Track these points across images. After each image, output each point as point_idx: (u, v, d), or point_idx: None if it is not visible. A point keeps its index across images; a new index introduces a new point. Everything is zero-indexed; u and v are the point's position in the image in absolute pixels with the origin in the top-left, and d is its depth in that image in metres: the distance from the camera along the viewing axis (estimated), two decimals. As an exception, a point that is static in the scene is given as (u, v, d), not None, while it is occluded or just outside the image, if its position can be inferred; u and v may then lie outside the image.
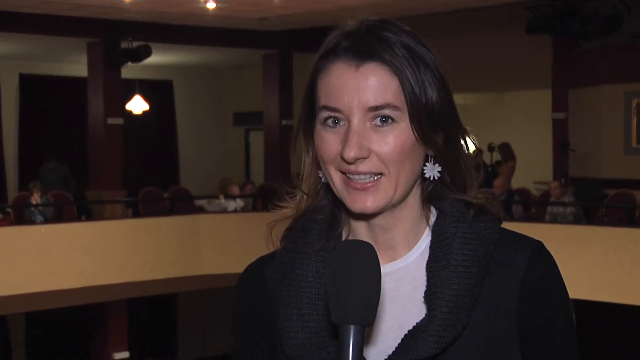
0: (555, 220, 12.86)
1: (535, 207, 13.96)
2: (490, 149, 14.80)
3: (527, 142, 15.13)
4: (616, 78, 13.96)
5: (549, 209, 13.24)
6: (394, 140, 1.44)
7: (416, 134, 1.44)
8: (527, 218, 13.35)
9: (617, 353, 12.84)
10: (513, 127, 15.61)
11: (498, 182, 13.49)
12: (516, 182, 14.63)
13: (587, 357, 1.42)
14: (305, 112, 1.53)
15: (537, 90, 14.88)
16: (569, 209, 13.02)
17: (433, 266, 1.49)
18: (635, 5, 13.17)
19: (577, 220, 12.81)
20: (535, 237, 1.54)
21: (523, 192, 14.51)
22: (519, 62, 14.82)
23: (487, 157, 15.15)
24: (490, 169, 14.41)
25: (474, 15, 13.90)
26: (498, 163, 14.86)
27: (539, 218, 13.21)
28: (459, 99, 13.17)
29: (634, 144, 14.17)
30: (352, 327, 1.32)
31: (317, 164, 1.53)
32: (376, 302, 1.34)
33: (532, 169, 15.19)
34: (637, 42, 13.72)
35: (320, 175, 1.54)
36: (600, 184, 13.78)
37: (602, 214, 13.26)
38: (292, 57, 15.92)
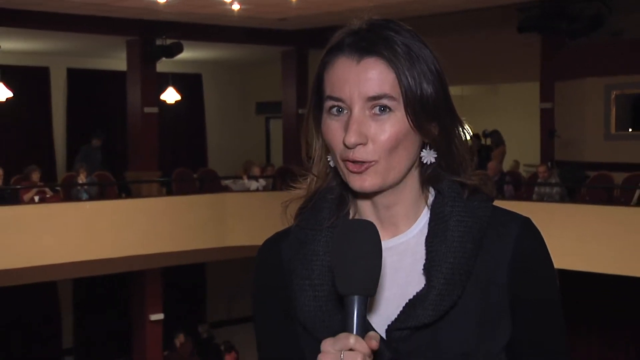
0: (542, 199, 12.85)
1: (524, 187, 13.91)
2: (485, 135, 14.71)
3: (517, 129, 15.22)
4: (598, 72, 13.96)
5: (536, 189, 13.24)
6: (390, 127, 1.45)
7: (411, 123, 1.45)
8: (517, 197, 13.32)
9: (594, 315, 12.88)
10: (505, 115, 15.64)
11: (491, 165, 13.61)
12: (507, 165, 14.55)
13: (569, 320, 1.60)
14: (314, 102, 1.54)
15: (527, 83, 14.98)
16: (554, 189, 13.00)
17: (431, 241, 1.50)
18: (615, 6, 13.05)
19: (562, 199, 12.76)
20: (524, 214, 1.56)
21: (514, 174, 14.55)
22: (511, 57, 14.82)
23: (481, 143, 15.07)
24: (484, 154, 14.27)
25: (471, 16, 13.98)
26: (489, 148, 14.70)
27: (527, 197, 13.18)
28: (457, 90, 13.03)
29: (612, 131, 14.15)
30: (355, 298, 1.35)
31: (327, 149, 1.55)
32: (377, 275, 1.36)
33: (522, 153, 15.13)
34: (617, 39, 13.74)
35: (329, 159, 1.55)
36: (583, 166, 13.80)
37: (584, 194, 13.21)
38: (307, 53, 15.97)
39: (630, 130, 14.23)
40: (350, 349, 1.31)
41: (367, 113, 1.46)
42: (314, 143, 1.58)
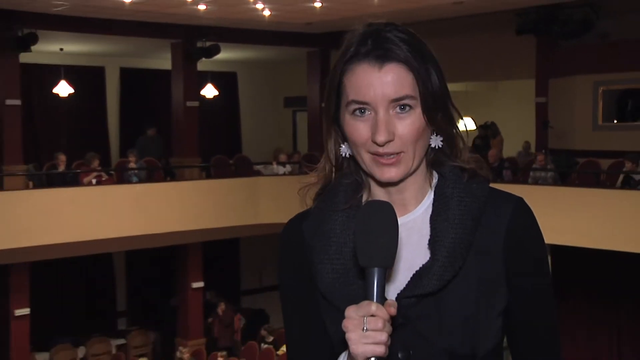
0: (537, 182, 12.79)
1: (521, 172, 13.81)
2: (486, 126, 14.72)
3: (515, 120, 15.10)
4: (587, 70, 13.83)
5: (531, 173, 13.15)
6: (412, 123, 1.46)
7: (426, 118, 1.47)
8: (515, 181, 13.28)
9: (581, 284, 12.72)
10: (505, 109, 15.55)
11: (492, 153, 13.47)
12: (506, 153, 14.57)
13: (557, 288, 1.42)
14: (331, 103, 1.53)
15: (524, 80, 14.84)
16: (548, 174, 12.96)
17: (435, 219, 1.51)
18: (602, 12, 13.08)
19: (554, 183, 12.76)
20: (520, 196, 1.58)
21: (512, 160, 14.40)
22: (510, 57, 14.70)
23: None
24: (483, 143, 14.30)
25: (474, 20, 13.82)
26: (486, 138, 14.70)
27: (524, 181, 13.11)
28: (461, 86, 13.17)
29: (600, 122, 14.02)
30: (376, 270, 1.36)
31: (338, 142, 1.57)
32: (395, 250, 1.37)
33: (519, 142, 15.02)
34: (604, 41, 13.63)
35: (341, 150, 1.56)
36: (573, 154, 13.75)
37: (574, 178, 13.21)
38: (330, 54, 15.90)
39: (615, 121, 14.12)
40: (372, 315, 1.33)
41: (391, 113, 1.47)
42: (329, 138, 1.59)
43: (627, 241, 11.06)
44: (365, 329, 1.32)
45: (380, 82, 1.45)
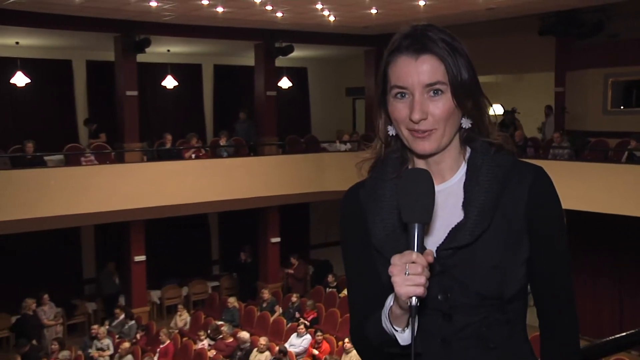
0: (555, 158, 12.54)
1: (542, 149, 13.55)
2: (513, 111, 14.65)
3: (537, 107, 14.91)
4: (598, 64, 13.64)
5: (551, 150, 12.88)
6: (442, 105, 1.46)
7: (455, 101, 1.46)
8: (537, 157, 12.90)
9: (592, 242, 12.60)
10: (529, 97, 15.23)
11: (518, 134, 13.33)
12: (529, 133, 14.49)
13: (571, 245, 1.49)
14: (380, 90, 1.54)
15: (545, 73, 14.54)
16: (565, 151, 12.80)
17: (468, 185, 1.51)
18: (612, 16, 12.87)
19: (570, 158, 12.58)
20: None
21: (534, 139, 14.21)
22: (533, 54, 14.36)
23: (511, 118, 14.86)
24: (511, 127, 14.26)
25: (503, 23, 13.52)
26: (512, 120, 14.64)
27: (544, 157, 12.79)
28: (492, 78, 13.15)
29: (609, 108, 13.84)
30: (416, 225, 1.37)
31: (387, 122, 1.56)
32: (432, 208, 1.37)
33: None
34: (613, 40, 13.32)
35: (389, 130, 1.56)
36: (586, 134, 13.57)
37: (587, 154, 12.90)
38: (383, 52, 15.76)
39: (622, 107, 13.95)
40: (413, 262, 1.33)
41: (425, 96, 1.46)
42: (379, 119, 1.58)
43: (630, 207, 11.01)
44: (407, 273, 1.32)
45: (417, 71, 1.45)
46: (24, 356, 11.99)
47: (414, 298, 1.32)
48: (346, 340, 10.90)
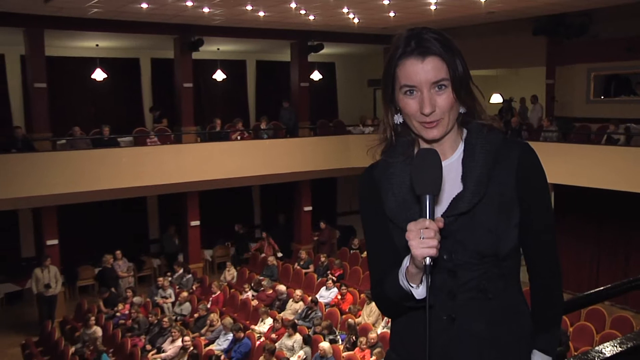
0: (545, 140, 12.44)
1: (534, 133, 13.34)
2: (510, 100, 14.56)
3: (531, 96, 14.85)
4: (582, 60, 13.59)
5: (542, 133, 12.79)
6: (446, 98, 1.44)
7: (454, 94, 1.45)
8: (530, 139, 12.64)
9: (575, 211, 12.58)
10: (523, 88, 15.15)
11: (514, 120, 13.19)
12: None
13: (557, 214, 1.46)
14: (388, 88, 1.50)
15: (538, 67, 14.46)
16: (554, 134, 12.74)
17: (465, 161, 1.49)
18: (594, 19, 12.80)
19: (558, 140, 12.44)
20: (534, 149, 1.54)
21: (529, 124, 14.03)
22: (527, 51, 14.19)
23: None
24: (509, 113, 14.18)
25: (502, 25, 13.36)
26: (509, 108, 14.49)
27: (536, 139, 12.62)
28: (493, 72, 13.07)
29: (591, 97, 13.76)
30: (428, 196, 1.35)
31: (394, 113, 1.53)
32: (440, 181, 1.36)
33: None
34: (595, 40, 13.22)
35: (395, 119, 1.53)
36: (572, 120, 13.55)
37: (573, 137, 12.77)
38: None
39: (602, 97, 13.85)
40: (426, 227, 1.31)
41: (432, 91, 1.43)
42: (387, 111, 1.54)
43: (610, 181, 11.03)
44: (422, 238, 1.31)
45: (424, 70, 1.43)
46: (105, 300, 12.44)
47: (427, 258, 1.31)
48: (367, 292, 11.01)
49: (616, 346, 2.04)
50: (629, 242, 12.25)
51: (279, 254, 14.79)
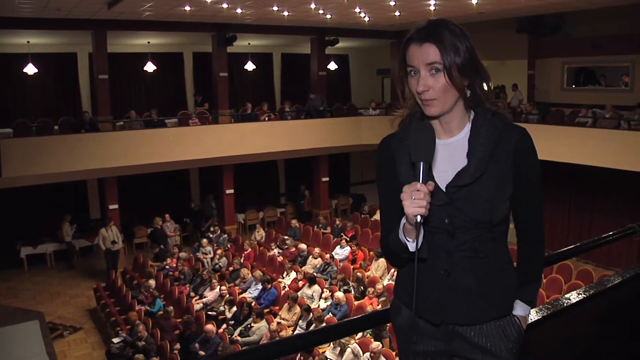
0: (527, 122, 12.10)
1: (517, 115, 13.39)
2: (498, 87, 14.48)
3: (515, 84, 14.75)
4: (557, 55, 13.58)
5: (523, 116, 12.52)
6: (440, 80, 1.39)
7: (446, 78, 1.38)
8: (514, 121, 12.75)
9: (552, 181, 12.47)
10: (509, 78, 15.04)
11: (501, 104, 13.21)
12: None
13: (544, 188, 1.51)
14: (403, 68, 1.45)
15: (520, 60, 14.34)
16: (534, 117, 12.56)
17: (471, 140, 1.45)
18: (567, 20, 12.73)
19: (538, 122, 12.29)
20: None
21: (513, 108, 13.97)
22: (512, 46, 14.04)
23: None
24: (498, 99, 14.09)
25: (490, 23, 13.15)
26: (498, 94, 14.39)
27: (518, 121, 12.54)
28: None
29: (565, 86, 13.76)
30: (421, 163, 1.32)
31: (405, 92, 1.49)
32: (433, 151, 1.33)
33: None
34: (568, 37, 13.22)
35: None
36: (549, 105, 13.42)
37: (549, 119, 12.59)
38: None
39: (573, 86, 13.78)
40: (417, 190, 1.29)
41: (428, 73, 1.39)
42: (403, 89, 1.48)
43: (581, 157, 11.06)
44: (413, 198, 1.28)
45: (420, 53, 1.38)
46: (156, 255, 12.78)
47: (418, 216, 1.29)
48: (376, 250, 11.12)
49: (580, 294, 2.16)
50: (593, 207, 12.42)
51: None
